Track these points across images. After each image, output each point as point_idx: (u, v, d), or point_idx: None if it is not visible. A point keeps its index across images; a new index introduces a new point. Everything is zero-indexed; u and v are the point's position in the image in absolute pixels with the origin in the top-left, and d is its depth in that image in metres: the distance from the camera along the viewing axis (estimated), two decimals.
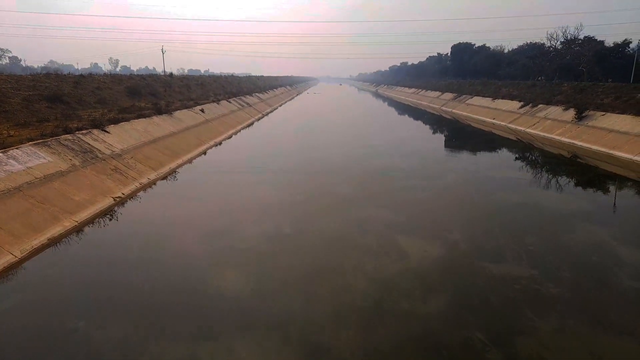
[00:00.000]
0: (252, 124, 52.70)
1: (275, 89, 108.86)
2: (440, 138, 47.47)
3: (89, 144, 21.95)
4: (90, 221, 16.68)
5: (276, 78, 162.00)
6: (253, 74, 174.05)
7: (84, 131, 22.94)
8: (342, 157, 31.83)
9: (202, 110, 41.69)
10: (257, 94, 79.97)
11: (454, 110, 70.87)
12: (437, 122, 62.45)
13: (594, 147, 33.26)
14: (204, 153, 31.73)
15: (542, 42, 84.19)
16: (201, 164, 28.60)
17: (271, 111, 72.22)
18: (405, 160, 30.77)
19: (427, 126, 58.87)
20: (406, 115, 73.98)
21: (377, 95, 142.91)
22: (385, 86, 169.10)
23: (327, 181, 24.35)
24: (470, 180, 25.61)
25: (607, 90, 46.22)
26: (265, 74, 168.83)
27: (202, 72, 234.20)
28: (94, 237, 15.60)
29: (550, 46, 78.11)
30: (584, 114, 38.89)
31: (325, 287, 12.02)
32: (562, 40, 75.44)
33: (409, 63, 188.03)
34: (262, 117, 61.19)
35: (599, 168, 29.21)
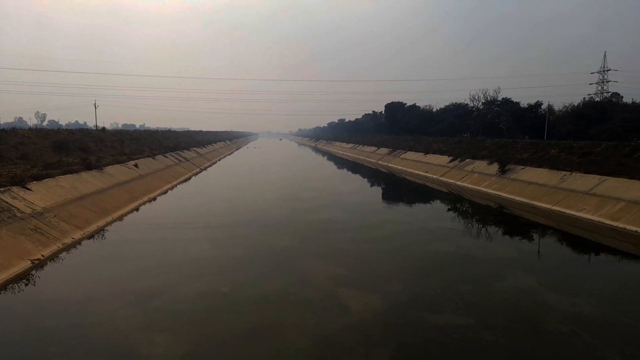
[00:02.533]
0: (189, 178, 51.52)
1: (214, 144, 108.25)
2: (377, 190, 48.91)
3: (7, 203, 20.20)
4: (2, 287, 15.00)
5: (215, 133, 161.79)
6: (192, 128, 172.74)
7: (1, 189, 21.17)
8: (282, 210, 31.69)
9: (135, 165, 40.25)
10: (195, 148, 78.96)
11: (389, 164, 73.90)
12: (374, 175, 64.60)
13: (517, 198, 35.72)
14: (137, 209, 30.26)
15: (466, 102, 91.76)
16: (133, 221, 27.16)
17: (210, 165, 71.32)
18: (344, 213, 31.17)
19: (365, 179, 60.66)
20: (345, 169, 75.97)
21: (317, 149, 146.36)
22: (324, 141, 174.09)
23: (266, 235, 23.96)
24: (407, 231, 26.30)
25: (524, 146, 50.58)
26: (204, 129, 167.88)
27: (138, 126, 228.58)
28: (6, 304, 13.97)
29: (473, 106, 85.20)
30: (506, 168, 42.00)
31: (263, 348, 11.44)
32: (483, 101, 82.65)
33: (346, 120, 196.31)
34: (200, 172, 60.13)
35: (522, 217, 31.26)
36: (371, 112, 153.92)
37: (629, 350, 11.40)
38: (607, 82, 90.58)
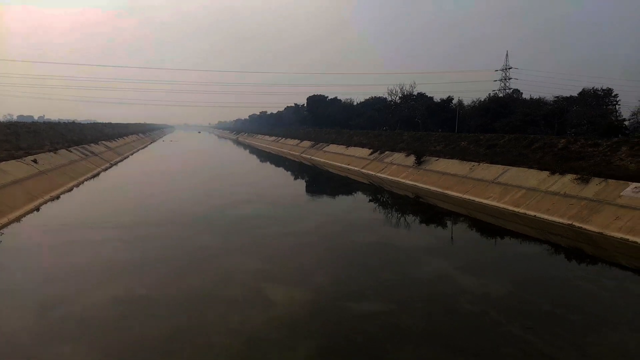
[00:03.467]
0: (98, 174, 47.90)
1: (125, 137, 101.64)
2: (301, 183, 49.13)
3: None
4: None
5: (127, 125, 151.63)
6: (100, 120, 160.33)
7: None
8: (202, 206, 30.61)
9: (34, 161, 36.51)
10: (104, 142, 73.54)
11: (312, 157, 74.60)
12: (297, 168, 64.83)
13: (432, 187, 37.80)
14: (37, 209, 27.49)
15: (384, 96, 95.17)
16: (34, 222, 24.61)
17: (121, 160, 66.90)
18: (267, 207, 30.88)
19: (289, 172, 60.67)
20: (268, 162, 75.38)
21: (238, 142, 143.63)
22: (246, 134, 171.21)
23: (185, 233, 22.96)
24: (331, 222, 26.68)
25: (438, 138, 53.63)
26: (113, 121, 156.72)
27: (37, 118, 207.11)
28: None
29: (391, 100, 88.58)
30: (422, 159, 44.22)
31: (184, 350, 10.91)
32: (400, 95, 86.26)
33: (268, 112, 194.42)
34: (110, 167, 56.20)
35: (437, 206, 33.15)
36: (293, 105, 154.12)
37: (530, 324, 12.50)
38: (509, 79, 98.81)
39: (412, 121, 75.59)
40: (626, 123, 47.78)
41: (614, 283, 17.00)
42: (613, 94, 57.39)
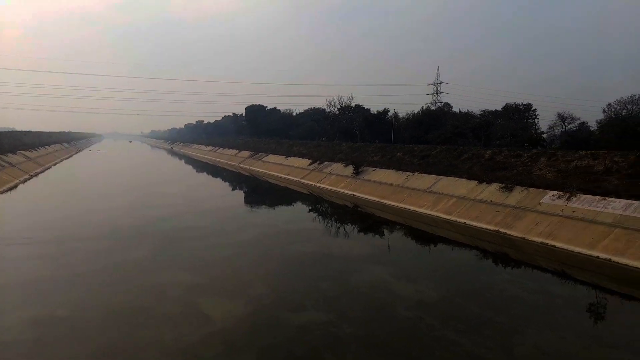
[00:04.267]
0: (15, 186, 44.17)
1: (47, 147, 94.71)
2: (239, 194, 48.35)
3: None
4: None
5: (49, 134, 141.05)
6: (17, 128, 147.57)
7: None
8: (133, 219, 29.13)
9: None
10: (23, 151, 68.00)
11: (251, 167, 73.75)
12: (236, 178, 63.76)
13: (370, 197, 38.69)
14: None
15: (323, 107, 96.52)
16: None
17: (42, 171, 62.16)
18: (204, 219, 30.02)
19: (227, 183, 59.52)
20: (204, 173, 73.48)
21: (173, 153, 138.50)
22: (182, 144, 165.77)
23: (115, 248, 21.69)
24: (270, 234, 26.43)
25: (375, 149, 55.13)
26: (35, 129, 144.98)
27: None
28: None
29: (330, 111, 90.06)
30: (360, 170, 45.21)
31: None
32: (339, 107, 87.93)
33: (205, 122, 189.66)
34: (30, 179, 52.04)
35: (375, 215, 33.95)
36: (231, 114, 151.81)
37: (461, 327, 13.07)
38: (440, 93, 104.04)
39: (350, 132, 77.25)
40: (544, 135, 51.88)
41: (536, 285, 18.24)
42: (532, 109, 62.16)
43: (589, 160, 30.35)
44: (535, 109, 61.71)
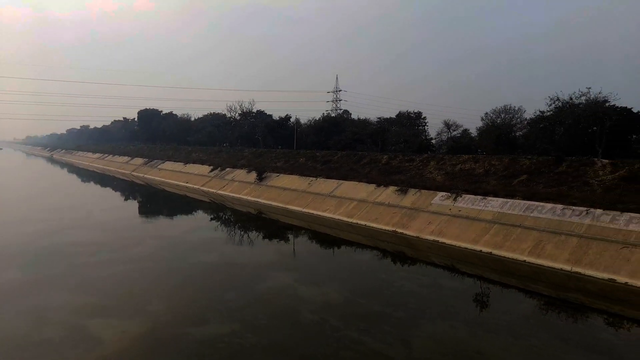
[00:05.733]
0: None
1: None
2: (133, 204, 45.17)
3: None
4: None
5: None
6: None
7: None
8: (5, 237, 25.65)
9: None
10: None
11: (146, 176, 69.40)
12: (129, 188, 59.45)
13: (275, 203, 38.58)
14: None
15: (224, 112, 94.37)
16: None
17: None
18: (94, 232, 27.46)
19: (118, 193, 55.25)
20: (92, 183, 67.42)
21: (53, 161, 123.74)
22: (64, 151, 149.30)
23: None
24: (168, 245, 25.01)
25: (278, 155, 55.26)
26: None
27: None
28: None
29: (231, 117, 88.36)
30: (263, 176, 44.91)
31: None
32: (240, 112, 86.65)
33: (92, 127, 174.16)
34: None
35: (280, 221, 33.90)
36: (122, 119, 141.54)
37: (363, 326, 13.50)
38: (340, 100, 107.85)
39: (252, 138, 76.59)
40: (433, 141, 56.29)
41: (429, 280, 19.58)
42: (422, 117, 67.15)
43: (471, 164, 33.55)
44: (425, 117, 66.74)
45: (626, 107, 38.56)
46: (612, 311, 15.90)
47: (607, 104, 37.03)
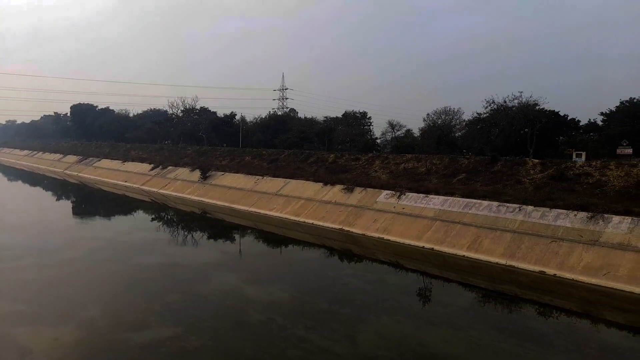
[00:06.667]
0: None
1: None
2: (66, 205, 42.45)
3: None
4: None
5: None
6: None
7: None
8: None
9: None
10: None
11: (80, 174, 65.47)
12: (61, 187, 55.81)
13: (220, 202, 37.71)
14: None
15: (165, 109, 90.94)
16: None
17: None
18: (20, 235, 25.52)
19: (49, 192, 51.74)
20: (20, 182, 62.69)
21: None
22: None
23: None
24: (105, 247, 23.70)
25: (223, 153, 54.08)
26: None
27: None
28: None
29: (173, 113, 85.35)
30: (208, 174, 43.76)
31: None
32: (182, 109, 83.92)
33: (18, 122, 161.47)
34: None
35: (225, 220, 33.17)
36: (53, 114, 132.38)
37: (310, 324, 13.50)
38: (286, 99, 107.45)
39: (196, 135, 74.38)
40: (378, 141, 57.52)
41: (375, 276, 19.94)
42: (367, 117, 68.41)
43: (414, 163, 34.61)
44: (370, 117, 68.02)
45: (554, 110, 41.56)
46: (543, 301, 16.98)
47: (537, 107, 39.66)
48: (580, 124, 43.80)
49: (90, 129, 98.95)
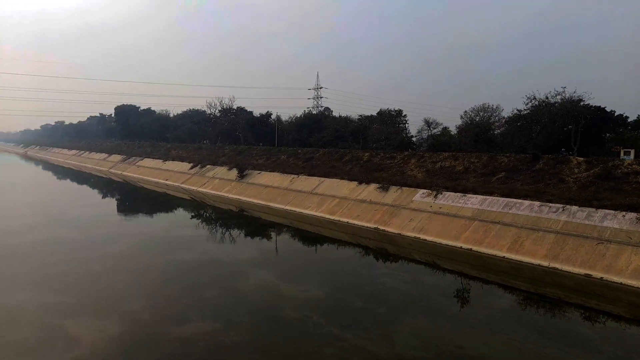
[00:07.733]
0: None
1: None
2: (111, 202, 44.23)
3: None
4: None
5: None
6: None
7: None
8: None
9: None
10: None
11: (124, 173, 68.09)
12: (106, 185, 58.23)
13: (256, 200, 38.29)
14: None
15: (203, 109, 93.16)
16: None
17: None
18: (69, 231, 26.79)
19: (96, 190, 54.08)
20: (69, 180, 65.84)
21: (28, 158, 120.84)
22: (38, 147, 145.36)
23: None
24: (147, 243, 24.57)
25: (259, 152, 54.84)
26: None
27: None
28: None
29: (211, 113, 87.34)
30: (245, 173, 44.53)
31: None
32: (220, 109, 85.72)
33: (67, 122, 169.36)
34: None
35: (261, 218, 33.66)
36: (99, 115, 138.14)
37: (346, 322, 13.51)
38: (321, 97, 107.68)
39: (233, 135, 75.77)
40: (414, 139, 56.73)
41: (411, 276, 19.71)
42: (403, 114, 67.59)
43: (451, 161, 33.92)
44: (405, 115, 67.16)
45: (600, 106, 39.63)
46: (588, 305, 16.29)
47: (581, 103, 37.97)
48: (629, 120, 41.59)
49: (133, 129, 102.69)
